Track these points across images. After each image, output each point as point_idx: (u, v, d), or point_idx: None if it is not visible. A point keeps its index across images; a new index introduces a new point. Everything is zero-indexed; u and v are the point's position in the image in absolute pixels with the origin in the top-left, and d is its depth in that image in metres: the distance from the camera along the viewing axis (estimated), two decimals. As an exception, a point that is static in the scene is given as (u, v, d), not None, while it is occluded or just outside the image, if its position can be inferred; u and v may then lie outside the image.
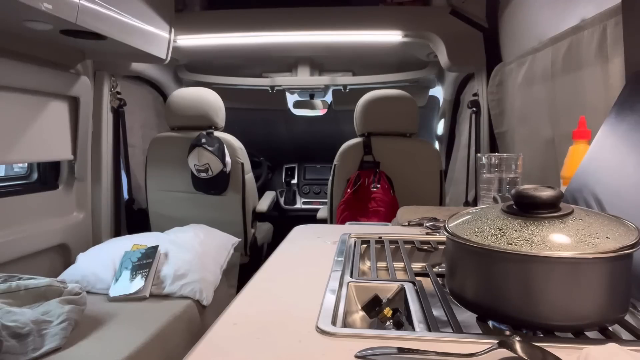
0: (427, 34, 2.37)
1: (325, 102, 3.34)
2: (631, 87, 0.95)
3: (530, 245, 0.56)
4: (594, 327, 0.58)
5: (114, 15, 1.73)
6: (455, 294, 0.66)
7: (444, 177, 2.42)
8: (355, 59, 2.98)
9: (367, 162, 2.30)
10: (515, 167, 1.16)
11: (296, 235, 1.17)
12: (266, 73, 3.10)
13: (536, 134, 1.69)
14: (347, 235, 1.07)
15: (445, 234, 0.66)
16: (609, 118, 0.94)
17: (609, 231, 0.58)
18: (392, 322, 0.67)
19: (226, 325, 0.62)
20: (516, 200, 0.64)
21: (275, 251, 0.99)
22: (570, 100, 1.43)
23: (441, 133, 3.16)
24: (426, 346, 0.52)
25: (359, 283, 0.76)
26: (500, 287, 0.59)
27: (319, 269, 0.83)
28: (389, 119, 2.31)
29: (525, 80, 1.80)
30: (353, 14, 2.42)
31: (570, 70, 1.42)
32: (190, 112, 2.45)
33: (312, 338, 0.57)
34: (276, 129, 3.78)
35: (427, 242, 1.03)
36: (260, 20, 2.42)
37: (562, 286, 0.55)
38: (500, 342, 0.49)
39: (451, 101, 2.88)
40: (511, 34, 2.07)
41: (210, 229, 2.32)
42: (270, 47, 2.61)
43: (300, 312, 0.64)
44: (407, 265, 0.88)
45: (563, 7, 1.51)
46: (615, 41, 1.15)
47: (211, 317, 1.92)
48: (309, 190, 3.65)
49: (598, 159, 0.92)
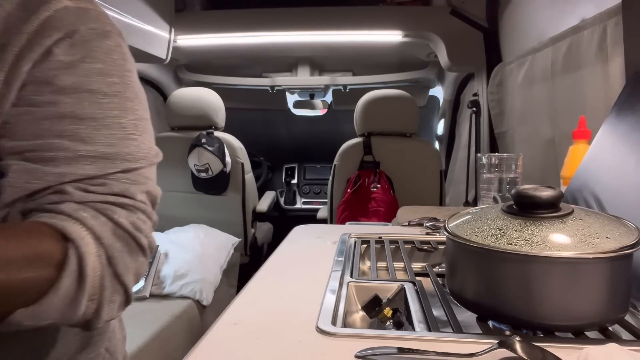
0: (427, 34, 2.37)
1: (325, 102, 3.34)
2: (631, 87, 0.95)
3: (530, 245, 0.56)
4: (594, 327, 0.58)
5: (114, 15, 1.73)
6: (455, 294, 0.66)
7: (444, 177, 2.42)
8: (355, 59, 2.98)
9: (367, 162, 2.30)
10: (515, 167, 1.16)
11: (296, 235, 1.17)
12: (266, 73, 3.10)
13: (536, 134, 1.69)
14: (347, 235, 1.07)
15: (445, 234, 0.66)
16: (609, 118, 0.94)
17: (609, 231, 0.58)
18: (392, 322, 0.67)
19: (226, 325, 0.62)
20: (516, 200, 0.64)
21: (275, 251, 0.99)
22: (570, 100, 1.43)
23: (441, 133, 3.16)
24: (426, 346, 0.52)
25: (359, 283, 0.76)
26: (500, 287, 0.59)
27: (319, 269, 0.83)
28: (389, 119, 2.31)
29: (525, 80, 1.80)
30: (353, 14, 2.41)
31: (570, 70, 1.42)
32: (190, 112, 2.45)
33: (312, 338, 0.57)
34: (276, 129, 3.78)
35: (427, 242, 1.03)
36: (260, 20, 2.41)
37: (562, 286, 0.55)
38: (500, 342, 0.49)
39: (451, 101, 2.88)
40: (511, 34, 2.07)
41: (210, 229, 2.32)
42: (270, 47, 2.61)
43: (300, 312, 0.64)
44: (407, 265, 0.88)
45: (563, 7, 1.51)
46: (615, 41, 1.16)
47: (211, 317, 1.92)
48: (309, 190, 3.65)
49: (598, 159, 0.92)
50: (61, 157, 0.50)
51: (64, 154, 0.50)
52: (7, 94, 0.49)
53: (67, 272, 0.46)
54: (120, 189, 0.52)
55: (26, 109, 0.50)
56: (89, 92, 0.52)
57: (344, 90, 3.13)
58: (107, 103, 0.53)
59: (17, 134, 0.50)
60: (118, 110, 0.54)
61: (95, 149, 0.51)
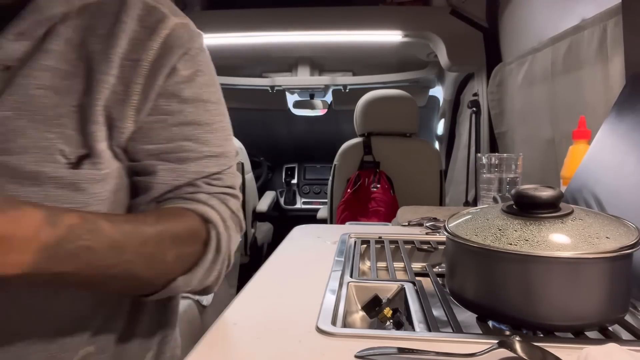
0: (427, 34, 2.37)
1: (325, 102, 3.34)
2: (631, 87, 0.95)
3: (530, 245, 0.56)
4: (594, 327, 0.58)
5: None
6: (455, 294, 0.66)
7: (444, 177, 2.42)
8: (355, 59, 2.98)
9: (367, 162, 2.30)
10: (515, 167, 1.16)
11: (296, 235, 1.17)
12: (266, 73, 3.10)
13: (536, 134, 1.69)
14: (347, 235, 1.07)
15: (445, 234, 0.66)
16: (609, 118, 0.94)
17: (609, 231, 0.58)
18: (392, 322, 0.67)
19: (226, 325, 0.62)
20: (516, 200, 0.64)
21: (275, 251, 0.99)
22: (570, 100, 1.43)
23: (441, 133, 3.16)
24: (426, 346, 0.52)
25: (359, 283, 0.76)
26: (500, 287, 0.59)
27: (319, 269, 0.83)
28: (389, 119, 2.31)
29: (525, 80, 1.80)
30: (353, 14, 2.41)
31: (570, 70, 1.42)
32: None
33: (312, 338, 0.57)
34: (276, 129, 3.78)
35: (427, 242, 1.03)
36: (260, 20, 2.41)
37: (562, 286, 0.55)
38: (500, 342, 0.49)
39: (451, 101, 2.88)
40: (511, 34, 2.07)
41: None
42: (270, 47, 2.61)
43: (300, 312, 0.64)
44: (407, 265, 0.88)
45: (563, 7, 1.51)
46: (615, 41, 1.16)
47: (211, 317, 1.92)
48: (309, 190, 3.65)
49: (598, 159, 0.92)
50: (191, 157, 0.60)
51: (193, 154, 0.61)
52: (145, 104, 0.58)
53: (210, 248, 0.58)
54: (229, 182, 0.64)
55: (158, 117, 0.59)
56: (203, 102, 0.62)
57: (344, 90, 3.13)
58: (214, 110, 0.64)
59: (153, 138, 0.59)
60: (220, 115, 0.65)
61: (211, 149, 0.62)
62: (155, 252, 0.53)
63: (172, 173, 0.59)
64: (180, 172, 0.60)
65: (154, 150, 0.59)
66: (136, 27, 0.57)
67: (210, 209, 0.59)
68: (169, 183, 0.59)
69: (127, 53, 0.56)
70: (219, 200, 0.61)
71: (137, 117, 0.57)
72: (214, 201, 0.61)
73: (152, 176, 0.59)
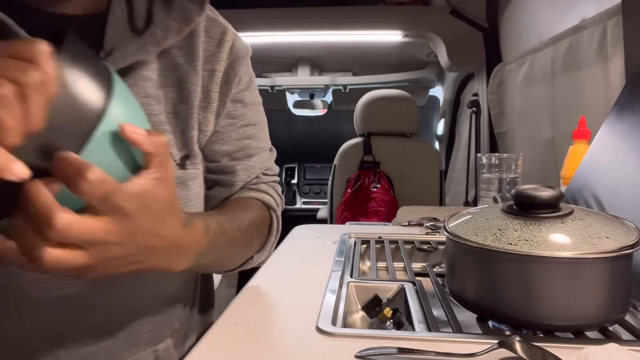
0: (427, 34, 2.37)
1: (325, 102, 3.34)
2: (631, 87, 0.95)
3: (530, 245, 0.56)
4: (594, 327, 0.58)
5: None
6: (455, 294, 0.66)
7: (444, 177, 2.42)
8: (355, 59, 2.98)
9: (367, 162, 2.30)
10: (515, 167, 1.16)
11: (296, 235, 1.17)
12: (266, 73, 3.10)
13: (536, 134, 1.69)
14: (347, 235, 1.07)
15: (445, 234, 0.66)
16: (609, 118, 0.94)
17: (609, 231, 0.58)
18: (392, 322, 0.67)
19: (226, 325, 0.62)
20: (516, 200, 0.64)
21: (275, 251, 0.99)
22: (570, 100, 1.43)
23: (441, 133, 3.16)
24: (426, 346, 0.52)
25: (359, 283, 0.76)
26: (500, 287, 0.59)
27: (318, 269, 0.83)
28: (389, 119, 2.31)
29: (525, 80, 1.80)
30: (353, 14, 2.41)
31: (570, 70, 1.42)
32: None
33: (312, 338, 0.57)
34: (276, 128, 3.77)
35: (427, 242, 1.03)
36: (260, 20, 2.41)
37: (562, 286, 0.55)
38: (500, 342, 0.49)
39: (451, 101, 2.88)
40: (511, 34, 2.07)
41: (210, 229, 2.31)
42: (270, 47, 2.61)
43: (300, 312, 0.64)
44: (407, 265, 0.88)
45: (563, 7, 1.51)
46: (615, 41, 1.15)
47: (211, 317, 1.92)
48: (309, 190, 3.65)
49: (598, 159, 0.92)
50: (255, 153, 0.72)
51: (255, 151, 0.72)
52: (222, 110, 0.66)
53: (273, 230, 0.74)
54: (276, 170, 0.78)
55: (229, 120, 0.68)
56: (257, 104, 0.73)
57: (344, 90, 3.12)
58: (261, 110, 0.74)
59: (226, 139, 0.68)
60: (264, 114, 0.75)
61: (265, 145, 0.75)
62: (248, 240, 0.67)
63: (246, 171, 0.71)
64: (251, 169, 0.71)
65: (227, 150, 0.68)
66: (205, 39, 0.64)
67: (270, 197, 0.73)
68: (244, 180, 0.71)
69: (203, 64, 0.63)
70: (273, 189, 0.75)
71: (216, 122, 0.66)
72: (271, 190, 0.74)
73: (232, 175, 0.70)
